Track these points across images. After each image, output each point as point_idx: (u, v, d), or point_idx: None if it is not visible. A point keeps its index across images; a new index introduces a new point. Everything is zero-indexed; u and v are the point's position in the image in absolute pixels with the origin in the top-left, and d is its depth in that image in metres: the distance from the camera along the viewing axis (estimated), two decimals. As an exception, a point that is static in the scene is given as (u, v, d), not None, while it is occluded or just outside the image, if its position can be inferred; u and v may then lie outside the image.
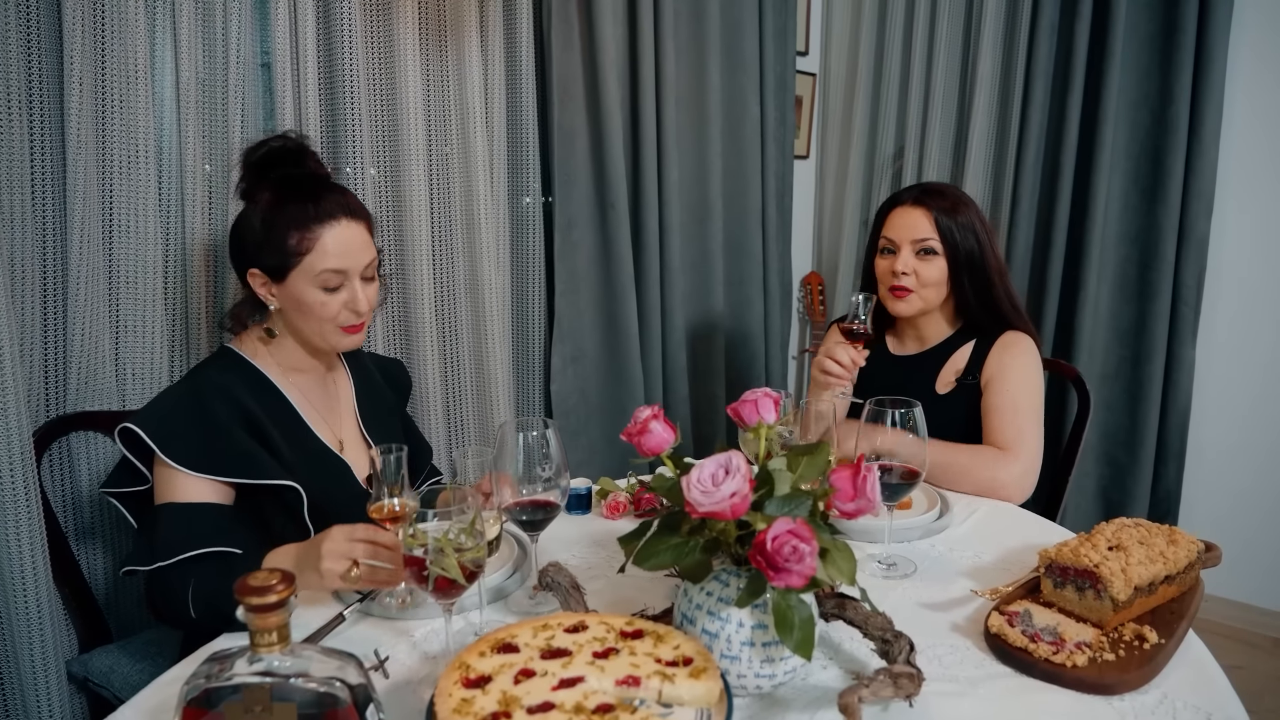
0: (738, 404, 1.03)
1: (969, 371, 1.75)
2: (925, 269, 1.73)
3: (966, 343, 1.79)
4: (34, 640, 1.44)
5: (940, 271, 1.73)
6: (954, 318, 1.83)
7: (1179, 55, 2.57)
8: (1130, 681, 0.96)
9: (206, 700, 0.80)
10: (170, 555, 1.19)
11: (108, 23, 1.52)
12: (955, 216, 1.72)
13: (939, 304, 1.78)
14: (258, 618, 0.78)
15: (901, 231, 1.74)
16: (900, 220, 1.75)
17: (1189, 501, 2.85)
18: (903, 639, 0.94)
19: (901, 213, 1.76)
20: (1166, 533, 1.15)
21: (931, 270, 1.73)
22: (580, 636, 0.89)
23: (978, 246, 1.73)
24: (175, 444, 1.23)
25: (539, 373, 2.39)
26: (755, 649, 0.91)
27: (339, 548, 1.07)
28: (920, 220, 1.72)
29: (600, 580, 1.25)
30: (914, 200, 1.75)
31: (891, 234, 1.76)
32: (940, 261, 1.73)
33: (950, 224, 1.72)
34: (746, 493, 0.85)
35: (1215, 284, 2.74)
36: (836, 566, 0.90)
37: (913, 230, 1.73)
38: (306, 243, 1.31)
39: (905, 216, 1.75)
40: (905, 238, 1.73)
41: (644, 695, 0.81)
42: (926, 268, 1.73)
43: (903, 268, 1.73)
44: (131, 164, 1.58)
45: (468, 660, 0.85)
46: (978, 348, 1.76)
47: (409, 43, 1.91)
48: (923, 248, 1.72)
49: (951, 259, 1.72)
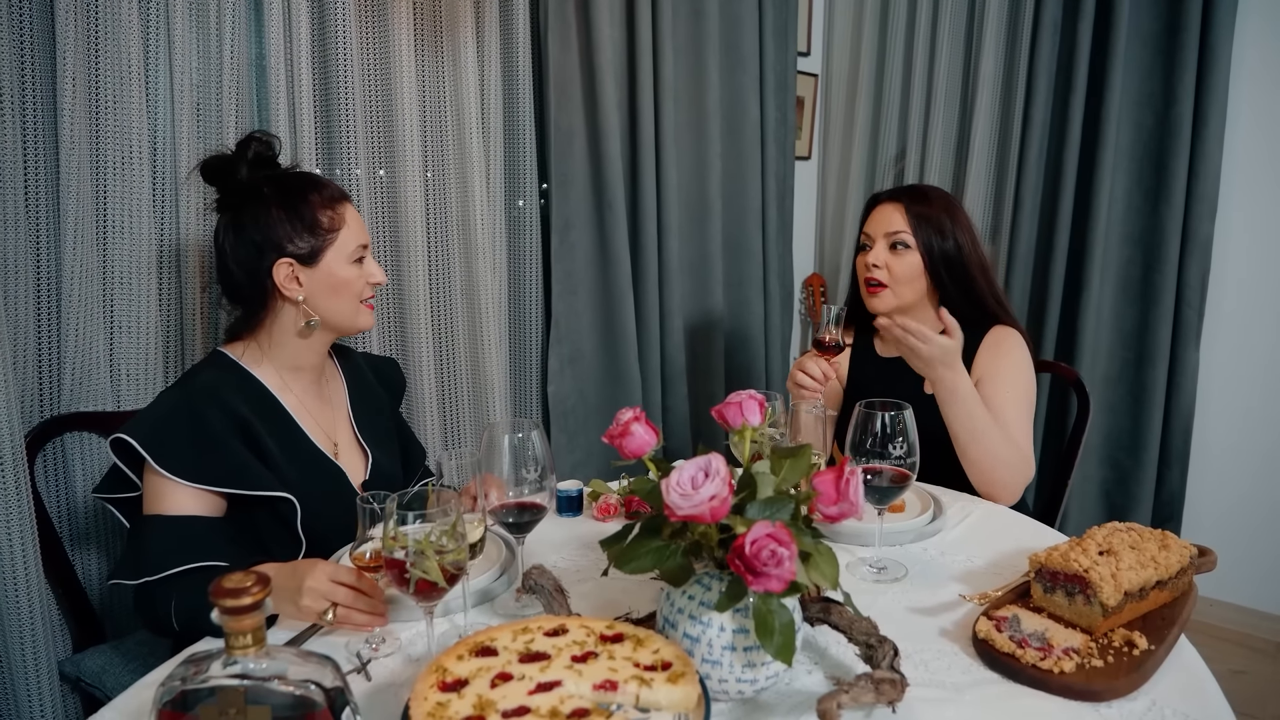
0: (722, 406, 1.02)
1: None
2: (897, 264, 1.73)
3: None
4: (25, 639, 1.44)
5: (913, 267, 1.73)
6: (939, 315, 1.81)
7: (1182, 55, 2.56)
8: (1118, 688, 0.95)
9: (182, 703, 0.80)
10: (155, 570, 1.19)
11: (101, 20, 1.52)
12: (929, 211, 1.73)
13: (915, 301, 1.77)
14: (232, 620, 0.78)
15: (876, 226, 1.77)
16: (876, 216, 1.78)
17: (1192, 504, 2.83)
18: (887, 644, 0.94)
19: (879, 210, 1.78)
20: (1159, 537, 1.14)
21: (903, 265, 1.73)
22: (560, 640, 0.88)
23: (955, 243, 1.73)
24: (168, 454, 1.23)
25: (536, 374, 2.39)
26: (737, 654, 0.90)
27: (321, 587, 1.07)
28: (893, 215, 1.74)
29: (588, 583, 1.24)
30: (890, 197, 1.78)
31: (868, 229, 1.79)
32: (913, 256, 1.73)
33: (923, 218, 1.73)
34: (726, 496, 0.84)
35: (1219, 286, 2.72)
36: (819, 571, 0.89)
37: (886, 224, 1.75)
38: (337, 220, 1.37)
39: (880, 213, 1.77)
40: (879, 231, 1.76)
41: (621, 700, 0.80)
42: (899, 262, 1.73)
43: (874, 260, 1.74)
44: (125, 163, 1.58)
45: (445, 664, 0.84)
46: (966, 345, 1.75)
47: (404, 43, 1.91)
48: (895, 240, 1.73)
49: (926, 254, 1.73)
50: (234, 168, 1.36)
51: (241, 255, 1.35)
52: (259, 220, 1.34)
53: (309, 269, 1.36)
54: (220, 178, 1.37)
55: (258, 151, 1.36)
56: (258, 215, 1.34)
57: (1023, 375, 1.70)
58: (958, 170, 3.00)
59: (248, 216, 1.34)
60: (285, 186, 1.36)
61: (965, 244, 1.74)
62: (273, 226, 1.33)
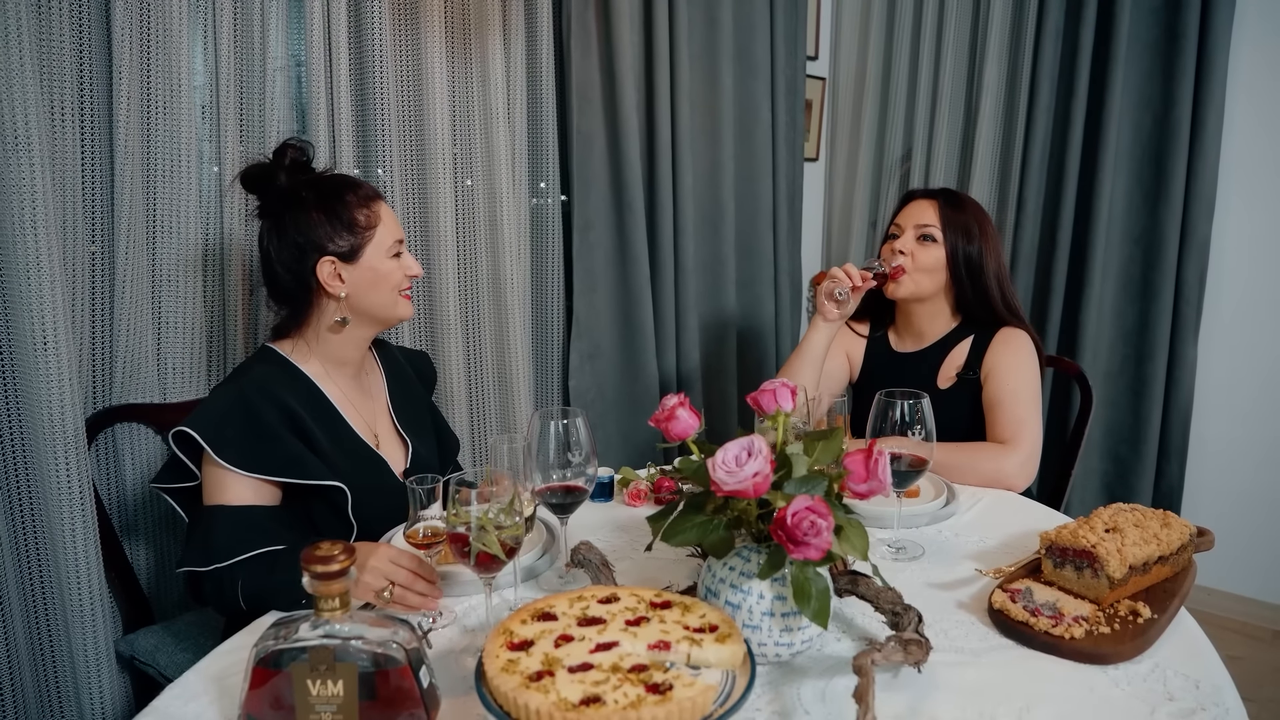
0: (757, 394, 1.10)
1: (969, 366, 1.82)
2: (922, 253, 1.83)
3: (965, 339, 1.86)
4: (86, 622, 1.51)
5: (935, 260, 1.83)
6: (952, 314, 1.90)
7: (1181, 60, 2.63)
8: (1124, 652, 1.03)
9: (275, 661, 0.88)
10: (226, 557, 1.26)
11: (153, 35, 1.60)
12: (960, 214, 1.83)
13: (933, 293, 1.86)
14: (322, 584, 0.86)
15: (908, 218, 1.87)
16: (910, 209, 1.89)
17: (1191, 496, 2.91)
18: (912, 611, 1.02)
19: (914, 204, 1.89)
20: (1160, 516, 1.22)
21: (927, 256, 1.83)
22: (613, 607, 0.96)
23: (979, 248, 1.82)
24: (227, 446, 1.30)
25: (558, 368, 2.47)
26: (775, 619, 0.98)
27: (383, 567, 1.14)
28: (927, 209, 1.85)
29: (625, 562, 1.32)
30: (926, 194, 1.89)
31: (900, 220, 1.90)
32: (938, 250, 1.83)
33: (954, 218, 1.83)
34: (768, 473, 0.92)
35: (1216, 284, 2.79)
36: (850, 543, 0.97)
37: (918, 217, 1.86)
38: (373, 217, 1.44)
39: (915, 206, 1.88)
40: (910, 222, 1.86)
41: (674, 658, 0.88)
42: (923, 252, 1.83)
43: (901, 247, 1.84)
44: (174, 170, 1.66)
45: (511, 627, 0.92)
46: (976, 343, 1.84)
47: (435, 49, 1.99)
48: (923, 233, 1.84)
49: (950, 252, 1.82)
50: (273, 175, 1.42)
51: (286, 258, 1.41)
52: (300, 223, 1.40)
53: (350, 265, 1.42)
54: (260, 185, 1.44)
55: (294, 158, 1.43)
56: (298, 219, 1.40)
57: (1029, 373, 1.78)
58: (962, 171, 3.08)
59: (289, 221, 1.40)
60: (322, 189, 1.42)
61: (988, 251, 1.83)
62: (314, 228, 1.40)
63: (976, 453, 1.67)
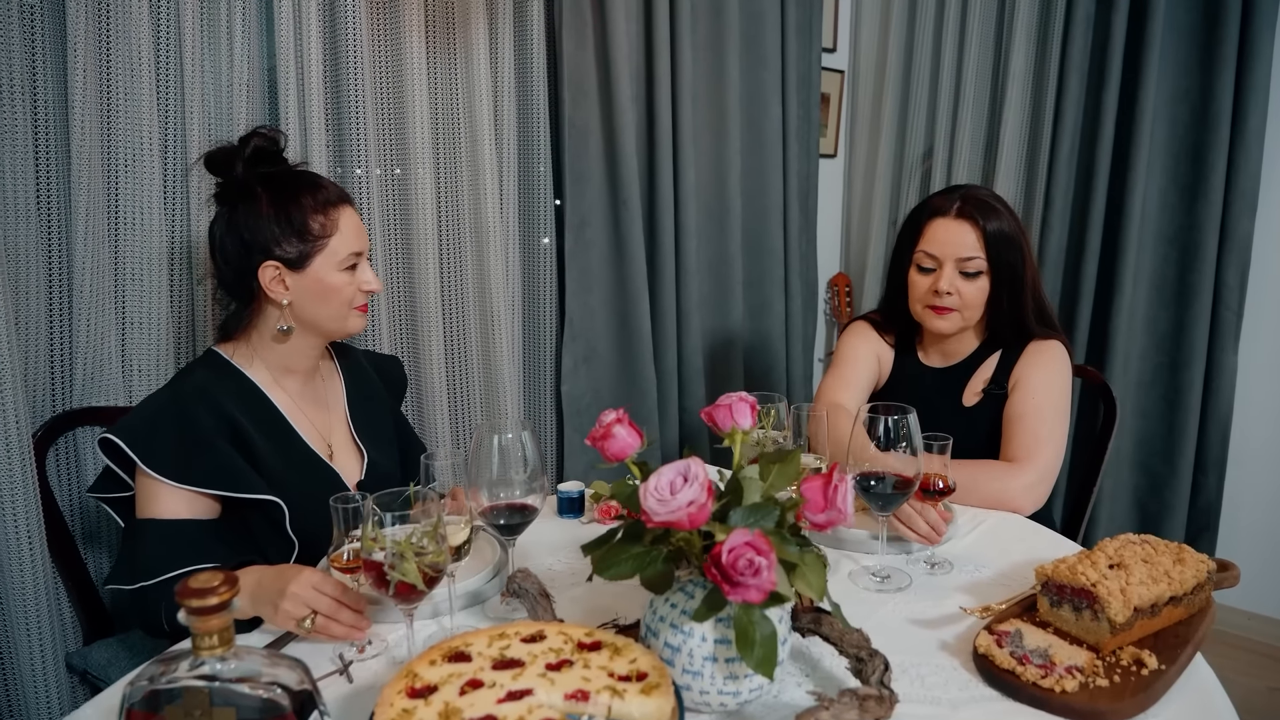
0: (712, 408, 0.99)
1: (995, 381, 1.68)
2: (969, 289, 1.62)
3: (993, 353, 1.72)
4: (31, 631, 1.46)
5: (984, 292, 1.64)
6: (982, 330, 1.75)
7: (1221, 48, 2.47)
8: (1123, 710, 0.90)
9: (151, 702, 0.79)
10: (151, 576, 1.19)
11: (111, 13, 1.52)
12: (1002, 231, 1.61)
13: (976, 321, 1.69)
14: (198, 620, 0.76)
15: (945, 248, 1.62)
16: (943, 234, 1.63)
17: (1229, 512, 2.73)
18: (878, 658, 0.90)
19: (944, 225, 1.63)
20: (1174, 551, 1.09)
21: (975, 290, 1.63)
22: (536, 647, 0.86)
23: (1020, 261, 1.63)
24: (156, 454, 1.22)
25: (550, 373, 2.37)
26: (719, 665, 0.87)
27: (304, 594, 1.05)
28: (967, 236, 1.61)
29: (580, 588, 1.22)
30: (958, 213, 1.62)
31: (933, 249, 1.64)
32: (983, 281, 1.63)
33: (997, 238, 1.60)
34: (705, 502, 0.81)
35: (1259, 286, 2.62)
36: (805, 581, 0.86)
37: (958, 248, 1.61)
38: (329, 226, 1.33)
39: (948, 231, 1.62)
40: (949, 255, 1.62)
41: (592, 711, 0.78)
42: (970, 288, 1.62)
43: (947, 287, 1.62)
44: (136, 159, 1.58)
45: (416, 669, 0.83)
46: (1005, 357, 1.70)
47: (415, 40, 1.90)
48: (969, 269, 1.62)
49: (995, 278, 1.63)
50: (232, 162, 1.33)
51: (230, 252, 1.33)
52: (249, 219, 1.31)
53: (295, 274, 1.32)
54: (221, 170, 1.35)
55: (258, 147, 1.33)
56: (249, 214, 1.31)
57: (1056, 387, 1.63)
58: (986, 168, 2.93)
59: (240, 213, 1.31)
60: (280, 187, 1.32)
61: (1026, 263, 1.64)
62: (262, 228, 1.30)
63: (979, 471, 1.53)
